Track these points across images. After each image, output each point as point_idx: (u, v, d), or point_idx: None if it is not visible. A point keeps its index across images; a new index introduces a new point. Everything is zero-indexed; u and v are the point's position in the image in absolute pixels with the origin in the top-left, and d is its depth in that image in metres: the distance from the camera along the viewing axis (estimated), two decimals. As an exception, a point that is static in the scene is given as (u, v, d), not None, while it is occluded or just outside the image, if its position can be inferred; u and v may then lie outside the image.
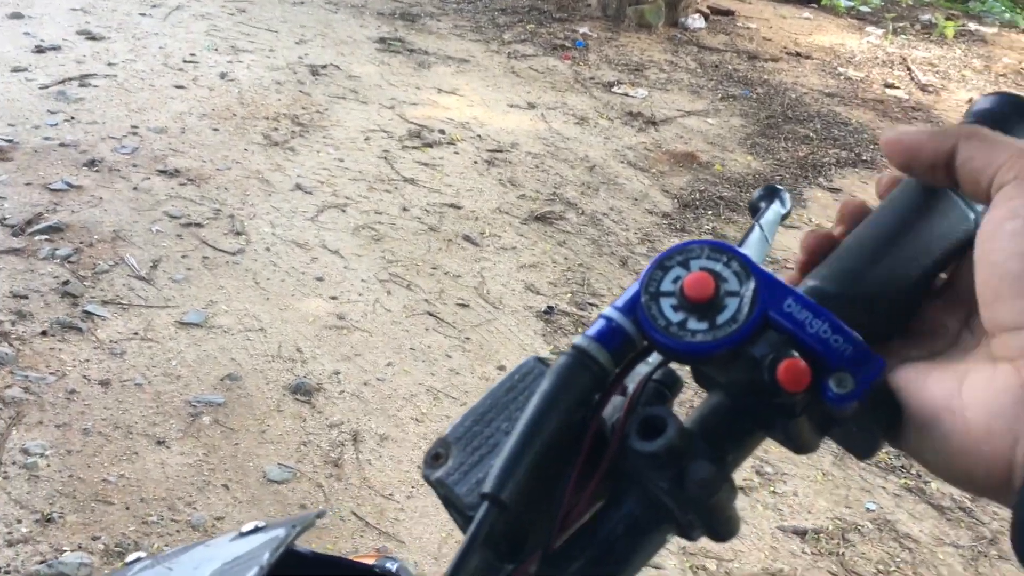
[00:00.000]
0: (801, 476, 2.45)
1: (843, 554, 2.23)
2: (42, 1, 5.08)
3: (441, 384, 2.60)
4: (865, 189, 4.09)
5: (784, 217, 0.61)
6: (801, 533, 2.27)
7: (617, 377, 0.40)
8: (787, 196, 0.61)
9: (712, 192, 3.89)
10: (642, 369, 0.43)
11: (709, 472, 0.37)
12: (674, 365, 0.44)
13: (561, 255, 3.29)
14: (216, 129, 3.90)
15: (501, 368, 2.67)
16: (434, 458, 0.42)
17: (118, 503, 2.11)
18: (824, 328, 0.38)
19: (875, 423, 0.39)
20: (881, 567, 2.21)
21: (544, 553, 0.39)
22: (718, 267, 0.39)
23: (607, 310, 0.41)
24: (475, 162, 3.90)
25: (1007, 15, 7.09)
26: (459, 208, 3.51)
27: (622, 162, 4.07)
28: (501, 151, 4.02)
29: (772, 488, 2.40)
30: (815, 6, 6.93)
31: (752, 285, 0.39)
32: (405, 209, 3.47)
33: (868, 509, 2.37)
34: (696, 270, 0.39)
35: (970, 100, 5.31)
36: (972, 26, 6.79)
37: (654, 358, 0.42)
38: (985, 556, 2.27)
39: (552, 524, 0.39)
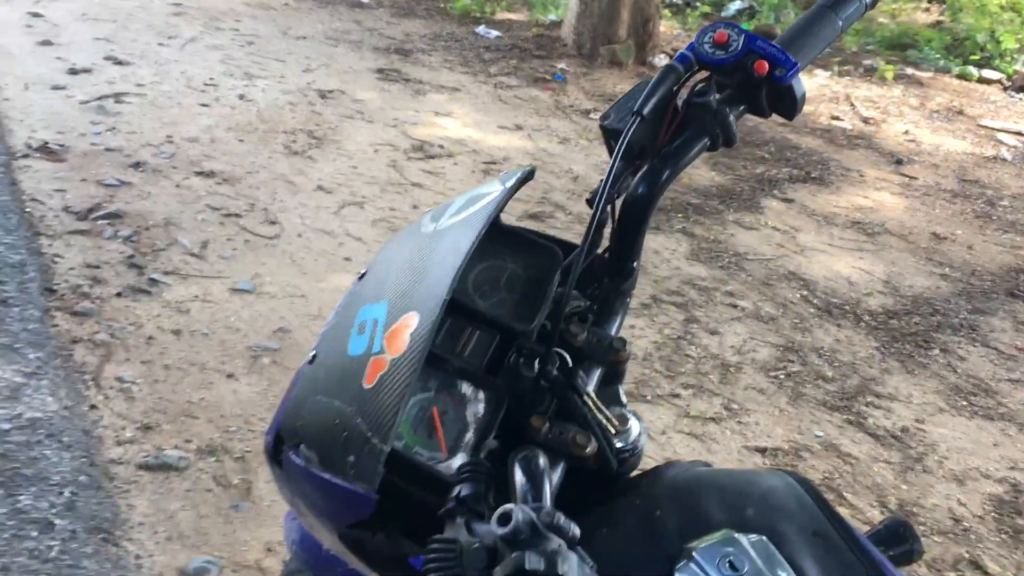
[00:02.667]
0: (762, 412, 2.94)
1: (796, 466, 2.72)
2: (68, 31, 5.55)
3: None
4: (815, 200, 4.66)
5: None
6: (762, 451, 2.76)
7: (687, 77, 0.90)
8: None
9: (682, 200, 4.42)
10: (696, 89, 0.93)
11: (728, 119, 0.88)
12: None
13: (553, 245, 3.78)
14: (242, 140, 4.37)
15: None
16: (603, 117, 0.91)
17: (203, 418, 2.54)
18: (774, 49, 0.88)
19: (796, 96, 0.89)
20: (827, 476, 2.70)
21: (653, 153, 0.89)
22: (726, 28, 0.90)
23: (681, 51, 0.91)
24: (472, 171, 4.41)
25: (941, 62, 7.81)
26: (462, 207, 4.00)
27: (599, 174, 4.59)
28: (495, 163, 4.53)
29: (738, 419, 2.89)
30: (768, 51, 7.60)
31: (743, 36, 0.89)
32: (415, 207, 3.95)
33: (816, 436, 2.87)
34: (720, 30, 0.90)
35: (906, 132, 5.96)
36: (910, 71, 7.49)
37: (701, 75, 0.92)
38: (912, 470, 2.78)
39: (655, 144, 0.89)
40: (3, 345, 2.68)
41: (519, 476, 0.72)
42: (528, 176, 0.94)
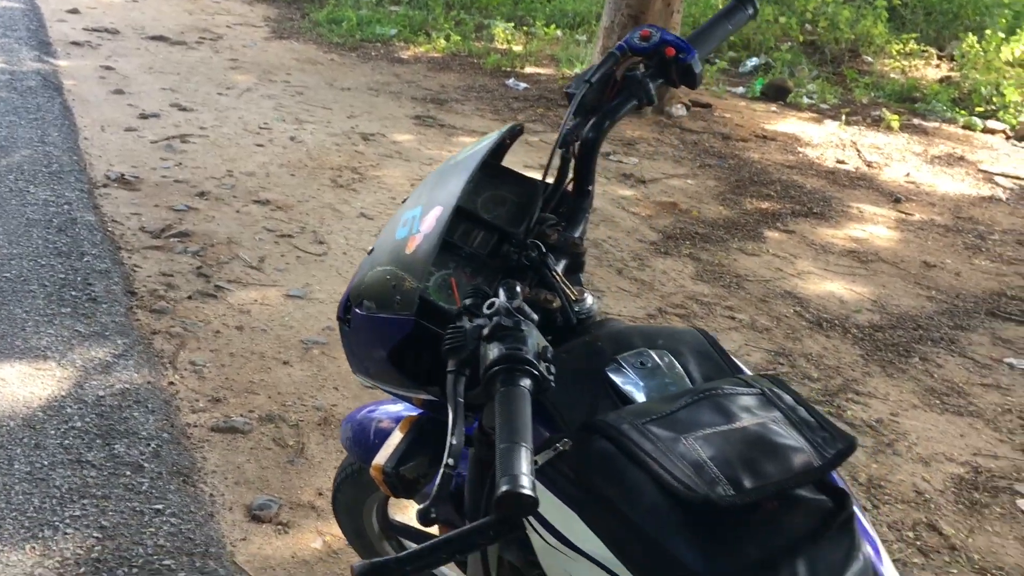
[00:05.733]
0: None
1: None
2: (136, 82, 6.15)
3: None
4: (814, 232, 5.06)
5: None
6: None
7: (622, 59, 1.34)
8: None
9: (690, 229, 4.85)
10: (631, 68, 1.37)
11: (650, 87, 1.31)
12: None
13: (570, 265, 4.22)
14: (293, 175, 4.88)
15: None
16: (566, 86, 1.35)
17: (263, 394, 2.98)
18: (679, 41, 1.32)
19: (695, 72, 1.32)
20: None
21: (599, 109, 1.33)
22: (649, 28, 1.34)
23: (619, 43, 1.34)
24: (500, 203, 4.86)
25: (948, 114, 8.21)
26: (489, 233, 4.46)
27: (617, 207, 5.05)
28: (520, 197, 4.99)
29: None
30: (782, 102, 8.06)
31: (660, 32, 1.33)
32: (447, 232, 4.40)
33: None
34: (644, 29, 1.34)
35: (907, 174, 6.36)
36: (916, 121, 7.91)
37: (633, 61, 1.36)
38: (883, 453, 3.13)
39: (600, 103, 1.33)
40: (96, 333, 3.15)
41: (501, 290, 1.14)
42: (516, 130, 1.39)
